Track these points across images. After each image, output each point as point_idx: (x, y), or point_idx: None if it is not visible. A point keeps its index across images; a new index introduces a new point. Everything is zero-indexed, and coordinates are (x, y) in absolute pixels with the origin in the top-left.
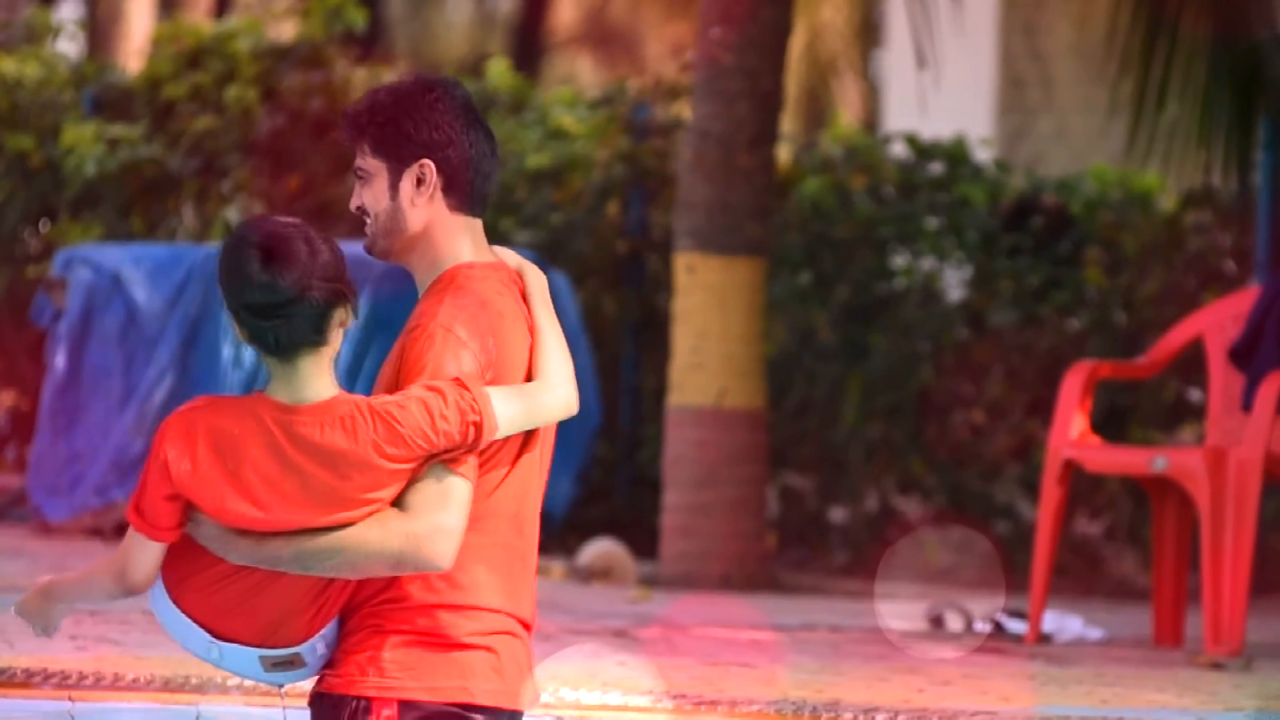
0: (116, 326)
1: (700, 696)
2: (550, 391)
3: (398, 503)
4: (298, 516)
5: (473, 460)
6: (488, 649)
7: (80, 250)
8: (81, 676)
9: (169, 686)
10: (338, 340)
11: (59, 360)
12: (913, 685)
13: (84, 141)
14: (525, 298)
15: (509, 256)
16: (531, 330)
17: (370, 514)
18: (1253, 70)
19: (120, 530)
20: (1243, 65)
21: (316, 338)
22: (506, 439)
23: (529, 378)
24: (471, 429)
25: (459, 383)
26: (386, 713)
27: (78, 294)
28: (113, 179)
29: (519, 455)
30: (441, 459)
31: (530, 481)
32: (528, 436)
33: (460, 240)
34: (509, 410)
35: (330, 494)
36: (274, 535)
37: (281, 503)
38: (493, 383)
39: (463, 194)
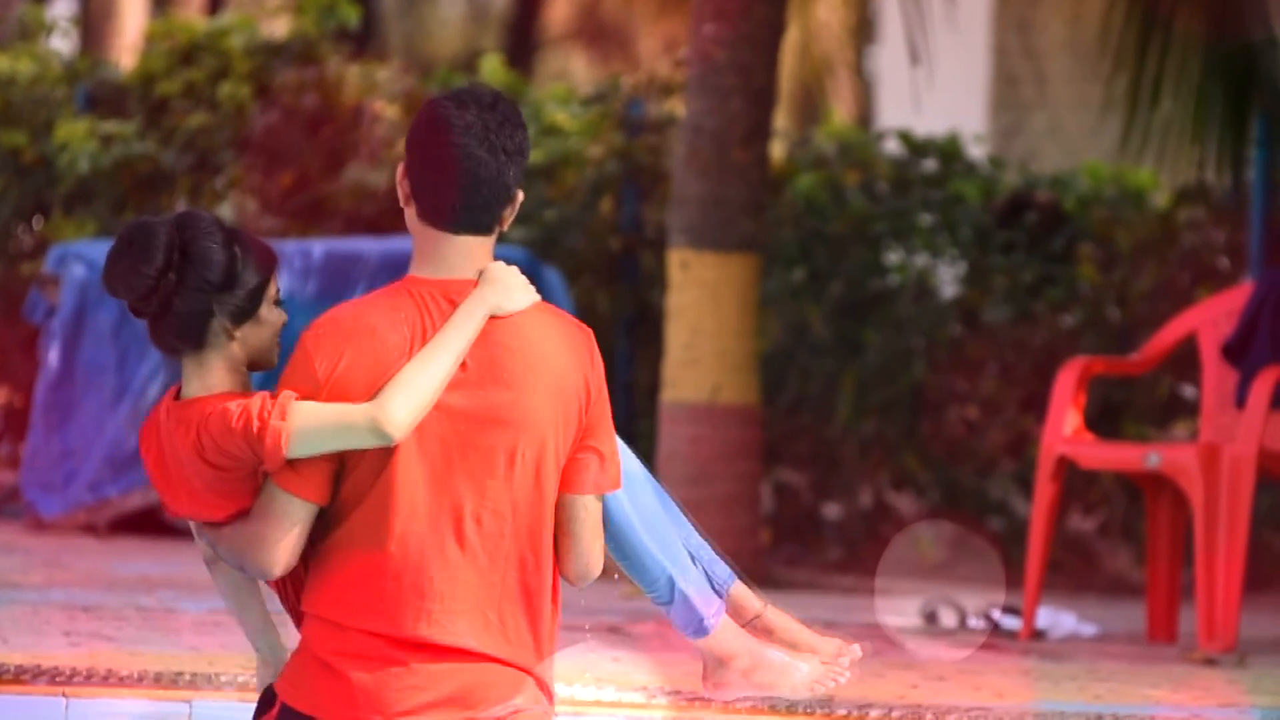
0: (110, 323)
1: (694, 692)
2: (362, 413)
3: None
4: (179, 504)
5: (291, 471)
6: (340, 672)
7: (74, 246)
8: (75, 673)
9: (162, 683)
10: (232, 349)
11: (52, 357)
12: (907, 681)
13: (77, 138)
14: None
15: (490, 270)
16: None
17: (231, 515)
18: (1246, 67)
19: (112, 526)
20: (1236, 62)
21: (180, 345)
22: (365, 453)
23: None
24: (257, 437)
25: (272, 394)
26: (275, 713)
27: (71, 290)
28: (106, 175)
29: (384, 471)
30: (266, 469)
31: (412, 500)
32: (393, 454)
33: (423, 251)
34: (305, 424)
35: (185, 488)
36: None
37: (168, 487)
38: (333, 398)
39: (417, 204)
